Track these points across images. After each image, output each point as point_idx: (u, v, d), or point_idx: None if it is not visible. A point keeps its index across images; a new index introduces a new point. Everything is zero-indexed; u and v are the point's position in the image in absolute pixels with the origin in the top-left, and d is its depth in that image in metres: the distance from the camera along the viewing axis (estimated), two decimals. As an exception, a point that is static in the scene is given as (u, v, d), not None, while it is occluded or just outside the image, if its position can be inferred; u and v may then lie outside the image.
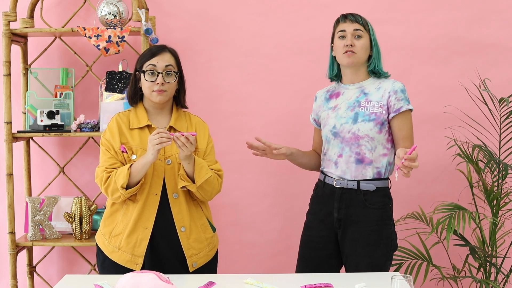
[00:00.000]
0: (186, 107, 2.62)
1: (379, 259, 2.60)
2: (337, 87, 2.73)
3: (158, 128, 2.49)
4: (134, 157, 2.45)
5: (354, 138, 2.58)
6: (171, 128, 2.53)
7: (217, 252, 2.64)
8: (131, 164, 2.42)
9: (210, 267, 2.58)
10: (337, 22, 2.68)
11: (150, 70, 2.46)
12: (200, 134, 2.55)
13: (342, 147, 2.61)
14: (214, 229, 2.61)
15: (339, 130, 2.61)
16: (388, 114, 2.60)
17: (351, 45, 2.58)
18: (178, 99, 2.58)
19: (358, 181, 2.59)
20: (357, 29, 2.61)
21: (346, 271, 2.63)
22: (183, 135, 2.36)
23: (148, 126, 2.51)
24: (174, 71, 2.49)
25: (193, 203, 2.53)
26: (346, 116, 2.62)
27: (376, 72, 2.66)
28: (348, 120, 2.61)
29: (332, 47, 2.70)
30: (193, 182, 2.44)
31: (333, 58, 2.70)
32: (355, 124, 2.59)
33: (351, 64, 2.61)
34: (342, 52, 2.60)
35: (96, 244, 2.58)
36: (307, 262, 2.68)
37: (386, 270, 2.63)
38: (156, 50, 2.50)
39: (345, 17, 2.64)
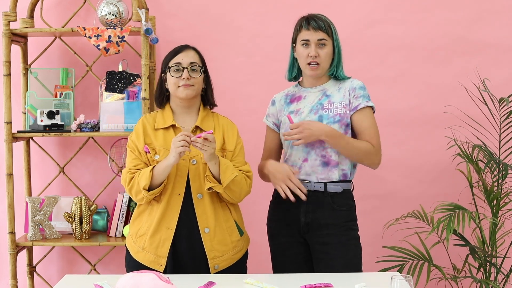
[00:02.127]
0: (216, 105, 2.61)
1: (352, 260, 2.56)
2: (297, 91, 2.69)
3: (183, 128, 2.50)
4: (157, 157, 2.45)
5: (320, 141, 2.54)
6: (197, 128, 2.52)
7: (244, 256, 2.60)
8: (154, 166, 2.41)
9: (235, 270, 2.52)
10: (300, 26, 2.58)
11: (175, 66, 2.47)
12: (228, 135, 2.54)
13: (308, 151, 2.57)
14: (242, 233, 2.57)
15: None
16: (349, 112, 2.57)
17: (316, 56, 2.53)
18: (206, 98, 2.58)
19: (325, 183, 2.56)
20: (321, 39, 2.53)
21: None
22: (199, 137, 2.34)
23: (173, 126, 2.50)
24: (199, 66, 2.51)
25: (220, 204, 2.50)
26: (310, 119, 2.57)
27: (336, 77, 2.62)
28: None
29: (293, 47, 2.64)
30: (220, 183, 2.42)
31: (294, 59, 2.65)
32: None
33: (316, 75, 2.59)
34: (306, 63, 2.55)
35: (125, 244, 2.59)
36: (284, 271, 2.62)
37: (361, 271, 2.60)
38: (179, 48, 2.52)
39: (308, 24, 2.55)
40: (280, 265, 2.67)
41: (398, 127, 3.44)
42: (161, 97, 2.56)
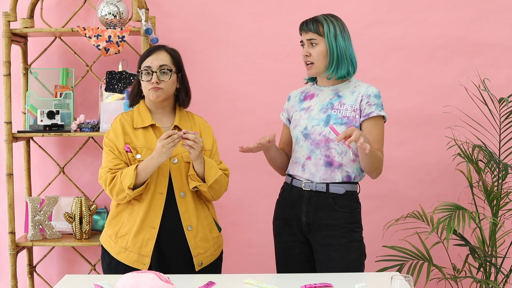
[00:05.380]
0: (186, 106, 2.62)
1: (353, 262, 2.55)
2: (311, 89, 2.70)
3: (162, 127, 2.52)
4: (138, 156, 2.46)
5: (325, 141, 2.54)
6: (176, 128, 2.54)
7: (222, 252, 2.65)
8: (137, 165, 2.42)
9: (215, 267, 2.58)
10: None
11: (145, 70, 2.49)
12: (205, 134, 2.57)
13: (312, 149, 2.57)
14: (219, 229, 2.61)
15: (310, 131, 2.57)
16: (360, 118, 2.56)
17: (306, 55, 2.56)
18: (179, 98, 2.58)
19: (327, 184, 2.55)
20: (310, 39, 2.57)
21: None
22: (189, 133, 2.38)
23: (152, 126, 2.52)
24: (168, 69, 2.49)
25: (199, 202, 2.54)
26: (318, 118, 2.57)
27: (345, 77, 2.60)
28: (320, 122, 2.56)
29: None
30: (203, 181, 2.45)
31: None
32: (326, 126, 2.55)
33: (311, 74, 2.61)
34: (304, 62, 2.60)
35: (101, 246, 2.57)
36: (287, 270, 2.63)
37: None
38: (151, 49, 2.53)
39: (301, 26, 2.61)
40: (283, 263, 2.68)
41: (398, 127, 3.44)
42: (135, 96, 2.58)
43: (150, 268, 2.46)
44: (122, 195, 2.43)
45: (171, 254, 2.49)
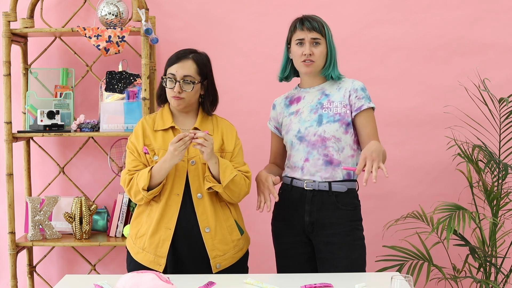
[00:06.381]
0: (211, 114, 2.62)
1: (356, 261, 2.56)
2: (296, 93, 2.70)
3: (182, 129, 2.52)
4: (156, 158, 2.47)
5: (321, 141, 2.55)
6: (195, 130, 2.53)
7: (245, 255, 2.62)
8: (152, 167, 2.44)
9: (236, 269, 2.54)
10: (294, 27, 2.62)
11: (169, 78, 2.49)
12: (227, 136, 2.57)
13: (308, 151, 2.57)
14: (242, 232, 2.58)
15: (304, 134, 2.58)
16: (351, 113, 2.58)
17: (310, 54, 2.55)
18: (204, 105, 2.59)
19: (330, 183, 2.56)
20: (314, 38, 2.57)
21: None
22: (195, 133, 2.38)
23: (172, 128, 2.53)
24: (191, 81, 2.49)
25: (219, 204, 2.52)
26: (310, 119, 2.59)
27: (332, 77, 2.63)
28: (312, 123, 2.57)
29: (288, 48, 2.66)
30: (219, 183, 2.44)
31: (287, 60, 2.67)
32: (320, 126, 2.56)
33: (310, 73, 2.60)
34: (301, 61, 2.58)
35: (126, 246, 2.61)
36: (288, 271, 2.63)
37: (364, 272, 2.60)
38: (179, 56, 2.51)
39: (302, 24, 2.59)
40: (284, 265, 2.68)
41: (398, 127, 3.44)
42: (162, 97, 2.59)
43: (165, 269, 2.46)
44: (139, 197, 2.46)
45: (187, 255, 2.48)
